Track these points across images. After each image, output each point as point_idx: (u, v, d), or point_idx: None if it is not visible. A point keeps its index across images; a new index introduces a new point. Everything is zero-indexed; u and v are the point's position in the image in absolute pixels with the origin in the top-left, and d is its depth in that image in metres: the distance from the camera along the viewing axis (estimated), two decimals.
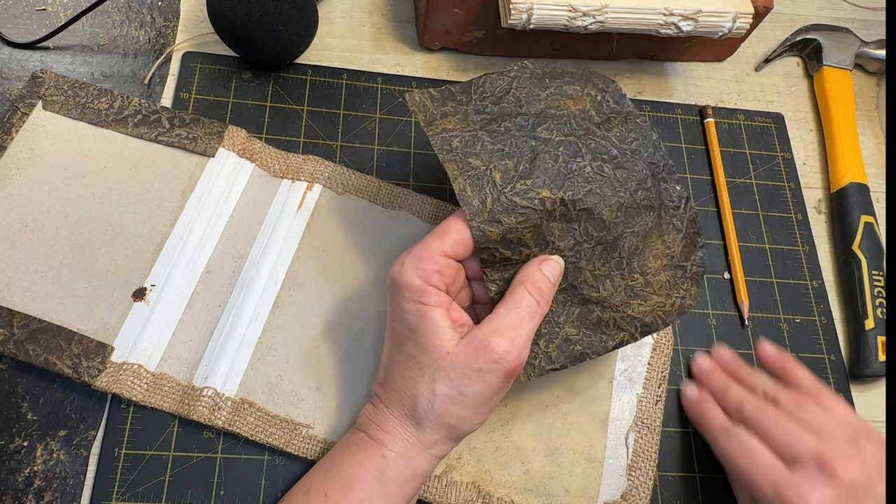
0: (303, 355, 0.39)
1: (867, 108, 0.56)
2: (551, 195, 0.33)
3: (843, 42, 0.54)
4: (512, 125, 0.36)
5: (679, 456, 0.41)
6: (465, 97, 0.37)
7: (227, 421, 0.37)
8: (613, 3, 0.43)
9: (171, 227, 0.41)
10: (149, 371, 0.37)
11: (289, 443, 0.37)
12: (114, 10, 0.48)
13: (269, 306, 0.40)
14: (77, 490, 0.35)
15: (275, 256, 0.41)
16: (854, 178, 0.49)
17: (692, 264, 0.37)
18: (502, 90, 0.37)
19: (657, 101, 0.52)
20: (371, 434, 0.33)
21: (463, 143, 0.35)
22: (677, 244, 0.37)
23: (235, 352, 0.38)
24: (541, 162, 0.34)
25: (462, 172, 0.34)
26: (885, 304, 0.45)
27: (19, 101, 0.42)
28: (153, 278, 0.39)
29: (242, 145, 0.43)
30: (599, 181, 0.34)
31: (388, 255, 0.42)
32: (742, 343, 0.44)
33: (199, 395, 0.37)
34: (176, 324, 0.39)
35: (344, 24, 0.51)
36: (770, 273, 0.47)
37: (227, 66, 0.47)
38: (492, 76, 0.38)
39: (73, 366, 0.36)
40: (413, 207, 0.44)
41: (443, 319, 0.32)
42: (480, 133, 0.35)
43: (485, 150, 0.34)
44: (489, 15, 0.46)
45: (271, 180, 0.43)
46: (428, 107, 0.36)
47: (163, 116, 0.43)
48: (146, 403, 0.37)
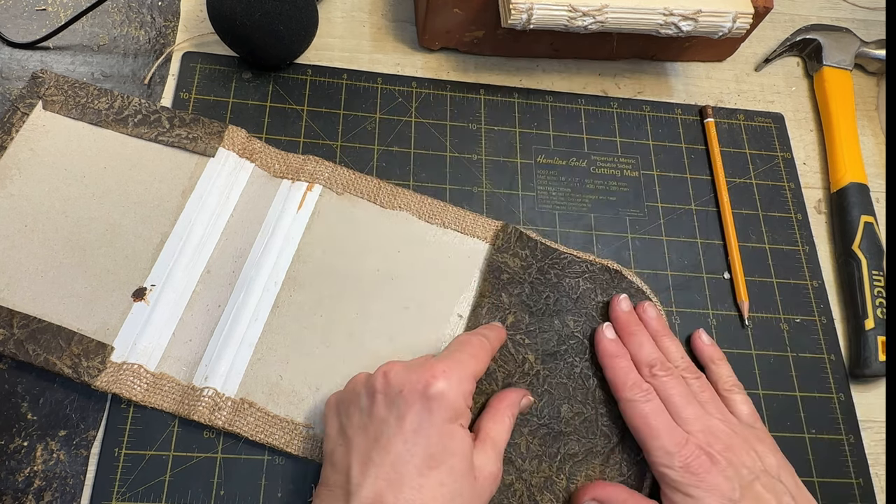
0: (303, 356, 0.39)
1: (867, 108, 0.56)
2: (533, 362, 0.40)
3: (843, 42, 0.54)
4: (552, 297, 0.42)
5: None
6: (542, 255, 0.43)
7: (228, 421, 0.37)
8: (613, 3, 0.43)
9: (171, 227, 0.41)
10: (149, 371, 0.37)
11: (289, 443, 0.37)
12: (114, 10, 0.48)
13: (270, 306, 0.40)
14: (77, 490, 0.35)
15: (275, 256, 0.41)
16: (854, 178, 0.49)
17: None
18: (572, 273, 0.42)
19: (657, 101, 0.52)
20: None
21: (508, 280, 0.41)
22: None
23: (235, 352, 0.38)
24: (547, 336, 0.40)
25: (490, 297, 0.41)
26: (885, 304, 0.45)
27: (19, 100, 0.42)
28: (153, 278, 0.39)
29: (242, 145, 0.43)
30: (578, 385, 0.40)
31: (389, 256, 0.42)
32: (742, 343, 0.44)
33: (199, 396, 0.37)
34: (176, 324, 0.39)
35: (344, 24, 0.51)
36: (770, 273, 0.47)
37: (227, 66, 0.47)
38: (577, 259, 0.43)
39: (73, 366, 0.36)
40: (413, 207, 0.44)
41: (470, 441, 0.32)
42: (526, 284, 0.41)
43: (518, 296, 0.41)
44: (489, 15, 0.46)
45: (271, 180, 0.43)
46: (511, 240, 0.42)
47: (163, 116, 0.43)
48: (146, 403, 0.37)
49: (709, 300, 0.45)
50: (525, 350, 0.40)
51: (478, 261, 0.43)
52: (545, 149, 0.48)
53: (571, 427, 0.39)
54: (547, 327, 0.41)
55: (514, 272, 0.42)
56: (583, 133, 0.49)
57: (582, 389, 0.40)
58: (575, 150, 0.49)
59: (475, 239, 0.43)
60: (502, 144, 0.48)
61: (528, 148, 0.48)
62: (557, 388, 0.39)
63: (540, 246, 0.43)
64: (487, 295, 0.41)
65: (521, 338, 0.40)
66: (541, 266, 0.42)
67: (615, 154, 0.49)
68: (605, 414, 0.39)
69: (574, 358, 0.40)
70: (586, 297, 0.42)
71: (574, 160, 0.48)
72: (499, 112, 0.49)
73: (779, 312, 0.46)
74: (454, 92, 0.49)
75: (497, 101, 0.49)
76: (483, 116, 0.49)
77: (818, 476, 0.41)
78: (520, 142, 0.48)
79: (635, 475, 0.38)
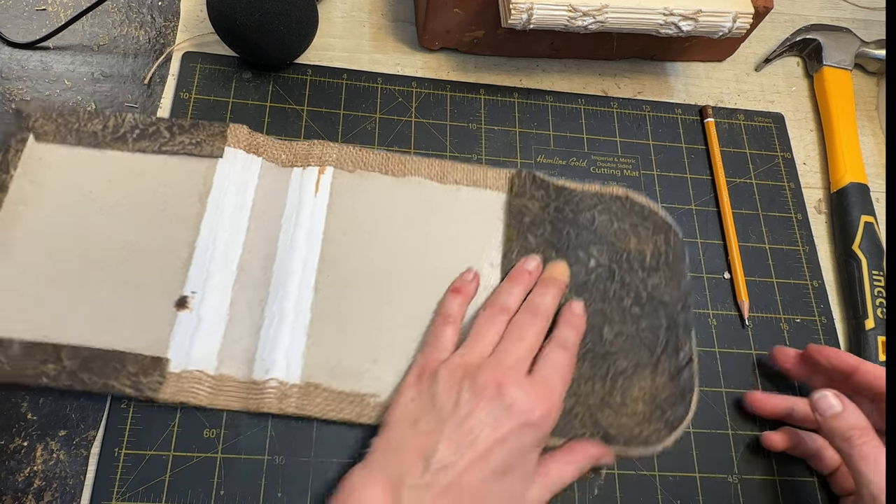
0: (354, 331, 0.40)
1: (867, 108, 0.56)
2: (567, 294, 0.41)
3: (843, 42, 0.54)
4: (574, 233, 0.44)
5: (679, 456, 0.41)
6: (556, 195, 0.45)
7: (298, 406, 0.37)
8: (613, 3, 0.43)
9: (196, 233, 0.40)
10: (209, 375, 0.37)
11: (360, 414, 0.38)
12: (114, 10, 0.48)
13: (311, 291, 0.40)
14: (77, 490, 0.35)
15: (304, 243, 0.41)
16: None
17: (673, 415, 0.40)
18: (586, 206, 0.45)
19: (657, 101, 0.52)
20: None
21: (530, 222, 0.43)
22: (665, 390, 0.40)
23: (289, 341, 0.39)
24: (575, 269, 0.42)
25: (517, 240, 0.43)
26: (885, 304, 0.45)
27: (9, 137, 0.41)
28: (192, 285, 0.39)
29: (247, 141, 0.43)
30: (613, 307, 0.42)
31: (411, 221, 0.43)
32: (742, 343, 0.44)
33: (263, 388, 0.37)
34: (224, 325, 0.39)
35: (344, 24, 0.51)
36: (770, 273, 0.47)
37: (227, 66, 0.47)
38: (587, 193, 0.45)
39: (133, 385, 0.36)
40: (423, 171, 0.45)
41: (534, 469, 0.35)
42: (547, 224, 0.44)
43: (542, 236, 0.43)
44: (489, 15, 0.46)
45: (282, 170, 0.44)
46: (526, 184, 0.44)
47: (161, 127, 0.43)
48: (212, 406, 0.37)
49: (709, 300, 0.45)
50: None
51: (497, 210, 0.44)
52: (545, 149, 0.48)
53: (616, 346, 0.41)
54: (573, 261, 0.43)
55: (534, 214, 0.44)
56: (583, 133, 0.49)
57: (618, 310, 0.42)
58: (575, 150, 0.49)
59: (489, 190, 0.45)
60: (502, 144, 0.48)
61: (528, 148, 0.48)
62: (595, 314, 0.41)
63: (552, 186, 0.45)
64: (514, 239, 0.43)
65: None
66: (557, 205, 0.44)
67: (615, 154, 0.49)
68: (645, 328, 0.42)
69: (604, 283, 0.42)
70: (603, 226, 0.44)
71: (574, 160, 0.48)
72: (499, 112, 0.49)
73: (779, 312, 0.46)
74: (454, 92, 0.49)
75: (497, 101, 0.49)
76: (483, 116, 0.49)
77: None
78: (520, 142, 0.48)
79: (686, 378, 0.41)
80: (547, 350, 0.38)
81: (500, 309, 0.39)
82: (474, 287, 0.41)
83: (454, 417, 0.34)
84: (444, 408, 0.34)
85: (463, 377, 0.35)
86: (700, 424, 0.41)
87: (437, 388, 0.35)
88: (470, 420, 0.33)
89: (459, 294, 0.40)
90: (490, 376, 0.35)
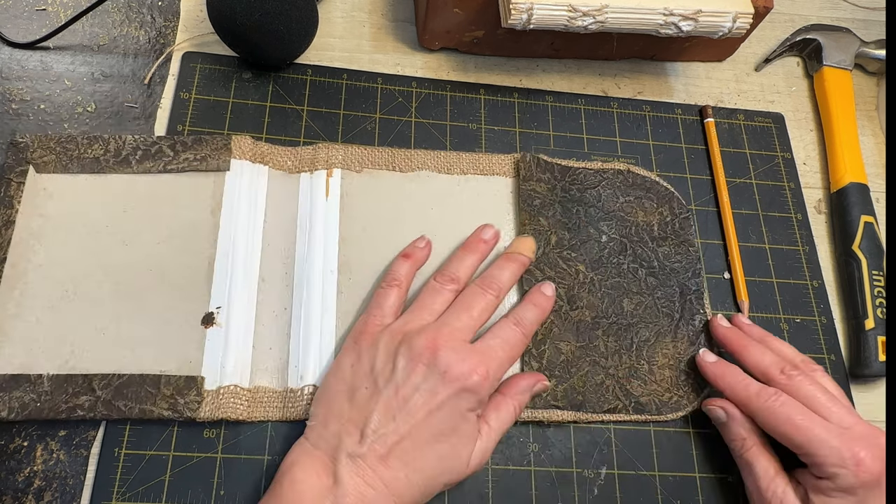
0: None
1: (867, 108, 0.56)
2: (585, 272, 0.43)
3: (843, 42, 0.54)
4: (583, 211, 0.45)
5: (679, 456, 0.41)
6: (561, 175, 0.46)
7: None
8: (613, 3, 0.43)
9: (213, 248, 0.40)
10: (244, 388, 0.37)
11: None
12: (114, 10, 0.48)
13: (334, 294, 0.40)
14: (77, 490, 0.36)
15: (322, 247, 0.41)
16: (854, 178, 0.50)
17: (697, 378, 0.41)
18: (591, 184, 0.46)
19: (657, 101, 0.52)
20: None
21: (540, 205, 0.44)
22: (686, 355, 0.42)
23: (319, 346, 0.39)
24: (589, 246, 0.44)
25: (530, 224, 0.44)
26: (885, 304, 0.45)
27: (8, 171, 0.40)
28: (216, 301, 0.39)
29: (252, 151, 0.43)
30: (629, 279, 0.43)
31: (423, 215, 0.44)
32: None
33: (301, 396, 0.37)
34: (252, 336, 0.39)
35: (344, 24, 0.51)
36: (770, 273, 0.47)
37: (227, 66, 0.47)
38: (590, 171, 0.46)
39: (170, 407, 0.36)
40: (430, 164, 0.45)
41: (476, 431, 0.35)
42: (556, 204, 0.45)
43: (554, 217, 0.44)
44: (489, 15, 0.46)
45: (289, 177, 0.44)
46: (532, 168, 0.45)
47: (163, 145, 0.42)
48: (251, 419, 0.37)
49: (709, 300, 0.45)
50: (575, 263, 0.43)
51: (506, 195, 0.45)
52: (545, 149, 0.48)
53: (637, 317, 0.43)
54: (586, 238, 0.44)
55: (543, 196, 0.45)
56: (583, 133, 0.49)
57: (634, 282, 0.43)
58: (575, 151, 0.49)
59: (496, 176, 0.46)
60: (502, 144, 0.48)
61: (528, 148, 0.48)
62: (613, 287, 0.43)
63: (556, 167, 0.46)
64: (527, 223, 0.44)
65: (568, 253, 0.43)
66: (563, 185, 0.45)
67: (615, 154, 0.49)
68: (662, 297, 0.43)
69: (618, 257, 0.44)
70: (610, 201, 0.46)
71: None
72: (499, 112, 0.49)
73: (779, 312, 0.46)
74: (454, 92, 0.49)
75: (497, 101, 0.49)
76: (483, 116, 0.49)
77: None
78: (520, 142, 0.48)
79: (704, 342, 0.42)
80: (498, 323, 0.37)
81: (450, 278, 0.38)
82: (425, 254, 0.41)
83: (391, 385, 0.34)
84: (381, 374, 0.34)
85: (401, 342, 0.35)
86: (700, 424, 0.41)
87: (375, 354, 0.35)
88: (406, 387, 0.33)
89: (409, 259, 0.40)
90: (427, 342, 0.34)
